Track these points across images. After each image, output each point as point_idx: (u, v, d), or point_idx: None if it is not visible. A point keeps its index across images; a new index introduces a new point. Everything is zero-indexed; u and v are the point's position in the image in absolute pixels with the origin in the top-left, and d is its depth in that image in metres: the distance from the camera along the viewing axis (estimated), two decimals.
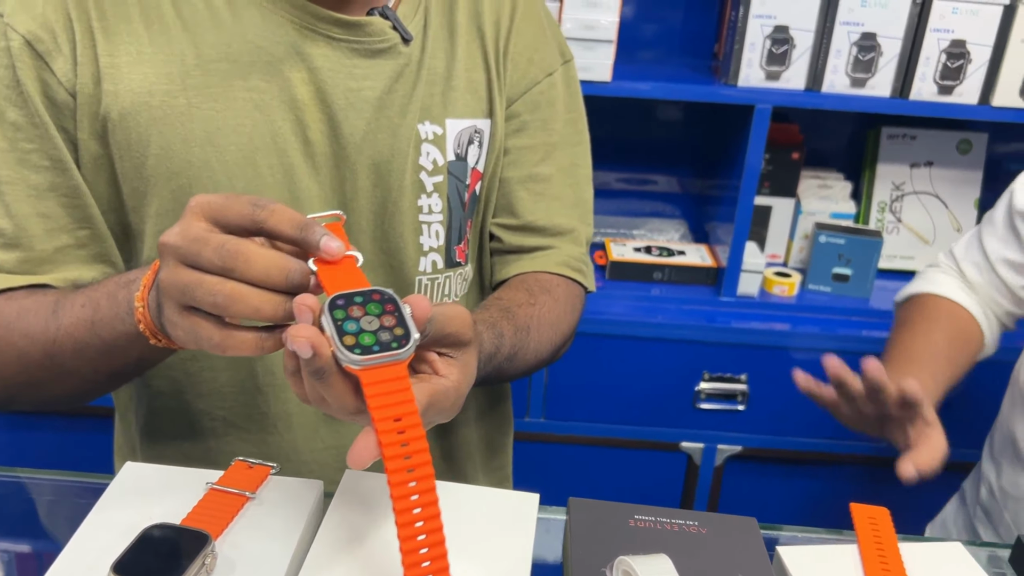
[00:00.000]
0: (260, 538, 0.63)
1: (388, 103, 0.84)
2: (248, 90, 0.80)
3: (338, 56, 0.82)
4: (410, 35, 0.85)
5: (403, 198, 0.86)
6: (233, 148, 0.80)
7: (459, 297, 0.95)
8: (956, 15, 1.55)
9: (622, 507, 0.70)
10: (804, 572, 0.66)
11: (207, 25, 0.79)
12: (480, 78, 0.91)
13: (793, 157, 1.83)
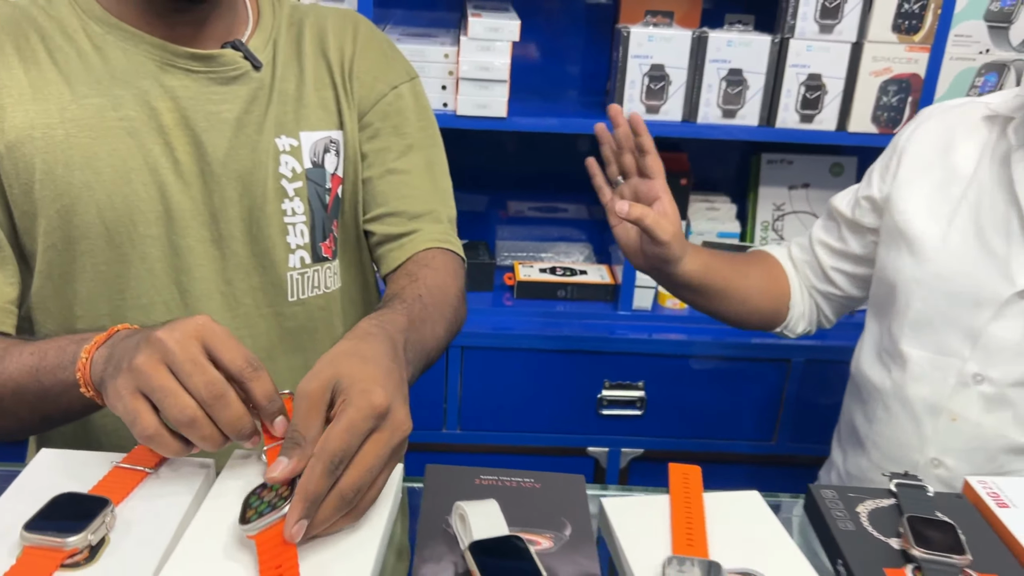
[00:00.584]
0: (155, 504, 0.72)
1: (246, 122, 0.96)
2: (119, 120, 0.91)
3: (197, 85, 0.94)
4: (260, 63, 0.98)
5: (268, 204, 0.98)
6: (109, 170, 0.91)
7: (332, 289, 1.06)
8: (811, 52, 1.71)
9: (472, 470, 0.81)
10: (621, 517, 0.77)
11: (79, 68, 0.91)
12: (329, 95, 1.03)
13: (682, 183, 1.97)
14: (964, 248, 1.12)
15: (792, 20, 1.69)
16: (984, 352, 1.10)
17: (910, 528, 0.75)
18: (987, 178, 1.12)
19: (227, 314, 1.00)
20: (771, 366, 1.85)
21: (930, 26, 1.69)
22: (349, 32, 1.06)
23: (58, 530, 0.66)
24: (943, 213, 1.15)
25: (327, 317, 1.06)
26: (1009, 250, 1.08)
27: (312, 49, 1.03)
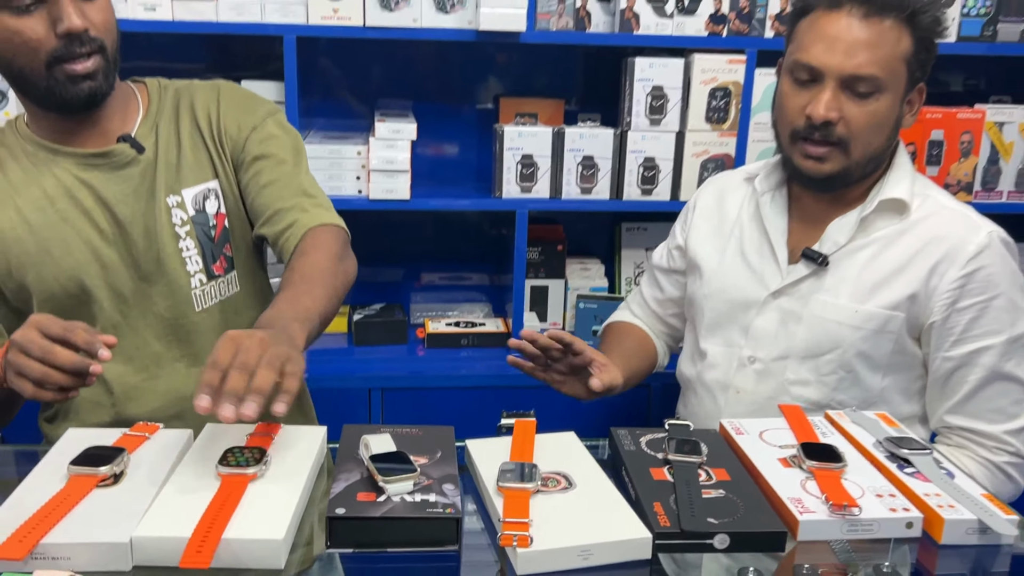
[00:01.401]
0: (153, 454, 1.02)
1: (141, 192, 1.32)
2: (56, 212, 1.28)
3: (102, 174, 1.31)
4: (143, 148, 1.33)
5: (167, 245, 1.33)
6: (58, 248, 1.28)
7: (230, 295, 1.39)
8: (645, 140, 2.11)
9: (376, 426, 1.12)
10: (478, 449, 1.09)
11: (23, 179, 1.29)
12: (203, 155, 1.37)
13: (559, 249, 2.34)
14: (734, 268, 1.51)
15: (629, 116, 2.10)
16: (753, 340, 1.48)
17: (668, 444, 1.09)
18: (746, 218, 1.53)
19: (159, 327, 1.35)
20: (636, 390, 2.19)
21: (734, 117, 2.11)
22: (213, 98, 1.40)
23: (94, 464, 0.96)
24: (719, 246, 1.54)
25: (231, 315, 1.40)
26: (763, 266, 1.48)
27: (187, 121, 1.37)
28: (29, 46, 1.19)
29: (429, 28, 1.98)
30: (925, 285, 1.38)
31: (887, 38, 1.33)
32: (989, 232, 1.38)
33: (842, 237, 1.42)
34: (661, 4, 2.03)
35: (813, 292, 1.43)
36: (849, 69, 1.32)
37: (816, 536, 0.96)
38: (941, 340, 1.39)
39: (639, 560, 0.91)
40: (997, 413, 1.41)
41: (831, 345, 1.41)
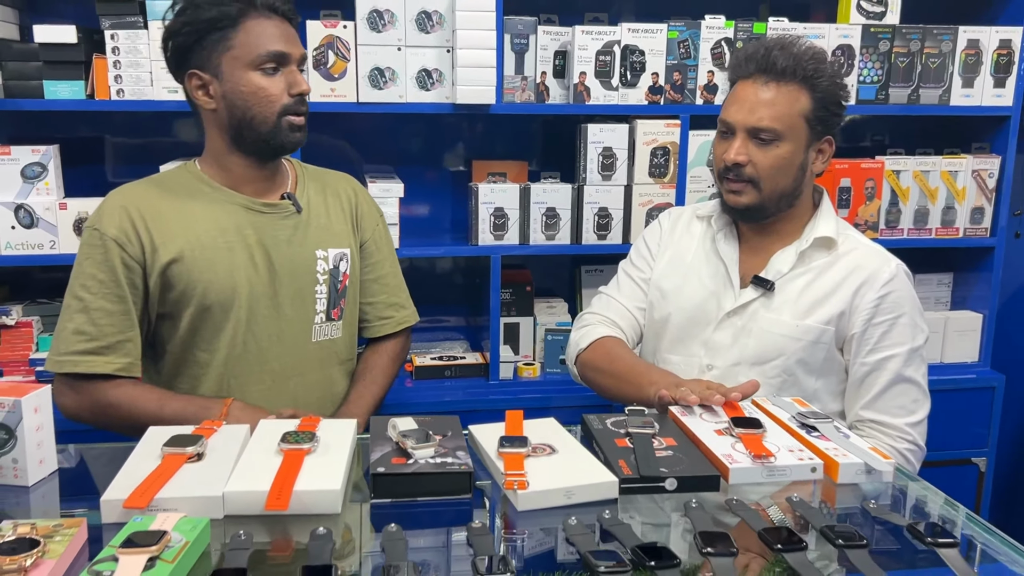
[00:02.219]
0: (224, 442, 1.26)
1: (295, 242, 1.63)
2: (225, 243, 1.57)
3: (266, 220, 1.62)
4: (300, 207, 1.66)
5: (308, 285, 1.64)
6: (222, 271, 1.55)
7: (335, 337, 1.72)
8: (599, 193, 2.42)
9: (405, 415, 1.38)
10: (480, 432, 1.35)
11: (201, 211, 1.58)
12: (344, 228, 1.71)
13: (527, 290, 2.62)
14: (695, 292, 1.79)
15: (584, 173, 2.41)
16: (711, 351, 1.75)
17: (628, 422, 1.36)
18: (704, 251, 1.81)
19: (280, 348, 1.65)
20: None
21: (673, 172, 2.43)
22: (353, 188, 1.80)
23: (181, 445, 1.21)
24: (681, 273, 1.82)
25: (332, 352, 1.72)
26: (720, 290, 1.76)
27: (332, 198, 1.72)
28: (269, 100, 1.56)
29: (413, 103, 2.28)
30: (850, 304, 1.68)
31: (786, 98, 1.64)
32: (897, 264, 1.71)
33: (784, 267, 1.72)
34: (608, 79, 2.36)
35: (761, 311, 1.71)
36: (752, 122, 1.64)
37: (743, 480, 1.23)
38: (859, 348, 1.69)
39: (610, 500, 1.17)
40: (900, 409, 1.70)
41: (776, 354, 1.69)
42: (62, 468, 1.27)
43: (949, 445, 2.68)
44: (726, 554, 1.00)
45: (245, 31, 1.54)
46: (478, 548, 1.00)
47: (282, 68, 1.57)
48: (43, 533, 0.98)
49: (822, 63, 1.67)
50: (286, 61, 1.57)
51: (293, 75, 1.58)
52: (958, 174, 2.58)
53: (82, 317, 1.54)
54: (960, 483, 2.74)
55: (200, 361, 1.62)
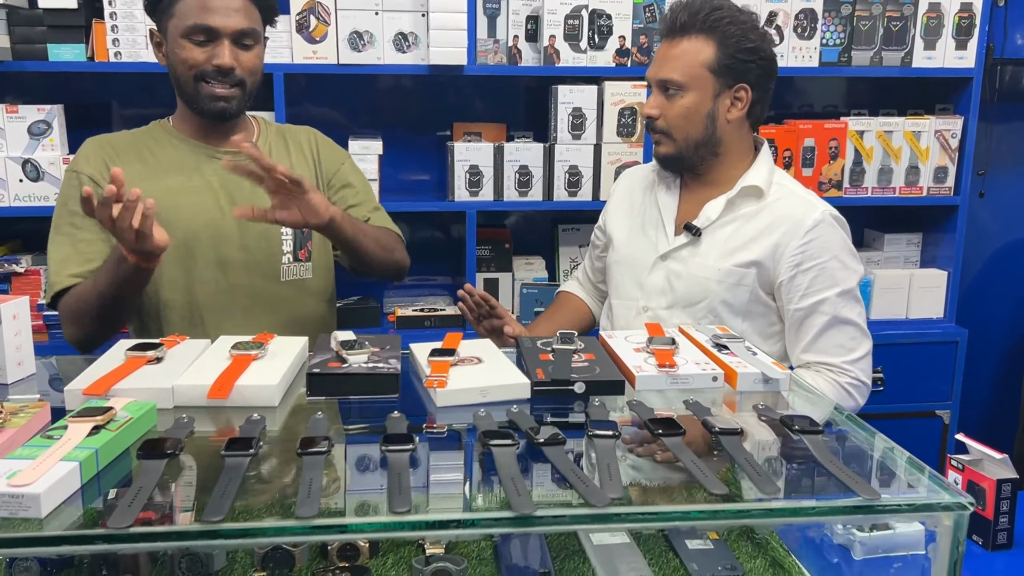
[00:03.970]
0: (183, 351, 1.39)
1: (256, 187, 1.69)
2: (191, 184, 1.70)
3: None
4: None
5: (272, 228, 1.73)
6: (188, 210, 1.68)
7: (305, 278, 1.82)
8: (569, 152, 2.52)
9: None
10: (419, 350, 1.46)
11: (168, 163, 1.70)
12: (308, 171, 1.81)
13: (506, 247, 2.74)
14: (635, 239, 1.89)
15: (555, 133, 2.52)
16: (646, 293, 1.85)
17: (555, 340, 1.47)
18: (648, 202, 1.91)
19: (249, 286, 1.76)
20: None
21: (640, 131, 2.53)
22: (314, 138, 1.89)
23: (143, 350, 1.34)
24: (627, 224, 1.92)
25: (303, 290, 1.82)
26: (657, 236, 1.85)
27: (294, 148, 1.82)
28: (187, 67, 1.66)
29: (390, 64, 2.40)
30: (773, 251, 1.74)
31: (689, 51, 1.70)
32: (823, 211, 1.76)
33: (713, 214, 1.79)
34: (576, 42, 2.46)
35: (691, 256, 1.80)
36: (660, 76, 1.73)
37: (648, 387, 1.34)
38: (791, 295, 1.76)
39: (523, 400, 1.28)
40: (839, 348, 1.77)
41: (702, 296, 1.78)
42: (40, 374, 1.41)
43: (914, 398, 2.77)
44: (676, 434, 1.11)
45: (190, 1, 1.64)
46: (390, 426, 1.12)
47: (213, 40, 1.65)
48: (9, 411, 1.11)
49: (724, 12, 1.70)
50: (215, 35, 1.65)
51: (217, 48, 1.65)
52: (921, 135, 2.65)
53: (69, 248, 1.67)
54: (925, 435, 2.83)
55: (169, 301, 1.73)
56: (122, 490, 0.97)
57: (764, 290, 1.78)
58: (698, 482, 1.01)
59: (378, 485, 1.02)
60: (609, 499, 0.95)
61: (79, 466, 0.97)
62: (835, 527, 1.44)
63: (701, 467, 1.03)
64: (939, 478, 1.04)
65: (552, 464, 1.05)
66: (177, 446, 1.05)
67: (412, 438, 1.08)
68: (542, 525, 0.97)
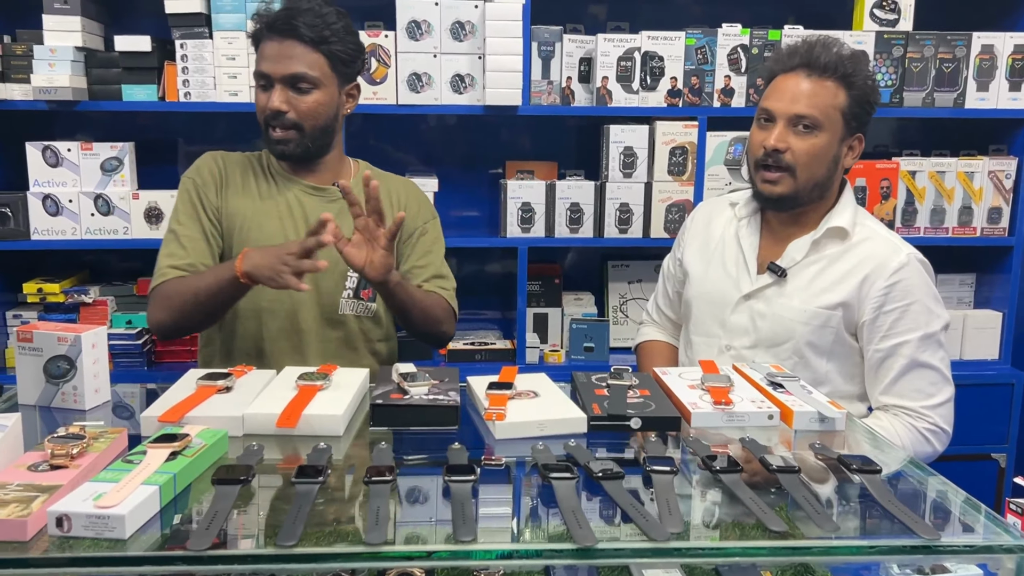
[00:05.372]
0: (251, 380, 1.44)
1: (339, 222, 1.74)
2: (276, 213, 1.79)
3: (315, 202, 1.83)
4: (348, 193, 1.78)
5: (341, 263, 1.74)
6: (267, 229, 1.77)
7: (366, 316, 1.88)
8: (620, 190, 2.55)
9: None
10: (476, 382, 1.50)
11: (265, 190, 1.80)
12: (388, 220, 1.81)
13: (556, 282, 2.77)
14: (715, 274, 1.88)
15: (607, 171, 2.56)
16: (729, 332, 1.84)
17: (610, 376, 1.49)
18: (728, 238, 1.90)
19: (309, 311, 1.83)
20: None
21: (691, 170, 2.55)
22: (404, 190, 1.96)
23: (213, 379, 1.39)
24: (705, 258, 1.91)
25: (359, 327, 1.89)
26: (738, 275, 1.85)
27: (384, 197, 1.81)
28: (258, 111, 1.79)
29: (447, 105, 2.47)
30: (858, 292, 1.74)
31: (826, 92, 1.71)
32: (908, 253, 1.76)
33: (798, 255, 1.79)
34: (629, 83, 2.50)
35: (775, 297, 1.79)
36: (794, 110, 1.71)
37: (704, 424, 1.35)
38: (872, 335, 1.75)
39: (579, 434, 1.31)
40: (917, 392, 1.75)
41: (787, 336, 1.77)
42: (115, 401, 1.47)
43: (969, 440, 2.72)
44: (734, 471, 1.13)
45: (260, 49, 1.78)
46: (452, 457, 1.15)
47: (272, 86, 1.74)
48: (91, 436, 1.16)
49: (859, 63, 1.75)
50: (271, 80, 1.74)
51: (270, 93, 1.75)
52: (974, 175, 2.64)
53: (174, 244, 1.79)
54: (980, 478, 2.78)
55: (240, 310, 1.81)
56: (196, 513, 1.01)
57: (848, 331, 1.77)
58: (756, 519, 1.02)
59: (442, 514, 1.05)
60: (669, 533, 0.97)
61: (159, 490, 1.01)
62: (891, 568, 1.42)
63: (760, 504, 1.04)
64: (999, 520, 1.04)
65: (611, 498, 1.07)
66: (249, 472, 1.09)
67: (474, 469, 1.11)
68: (603, 557, 0.99)
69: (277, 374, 1.49)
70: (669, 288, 2.04)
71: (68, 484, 1.02)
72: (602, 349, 2.68)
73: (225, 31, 2.39)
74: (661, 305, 2.07)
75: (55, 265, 2.67)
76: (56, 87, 2.34)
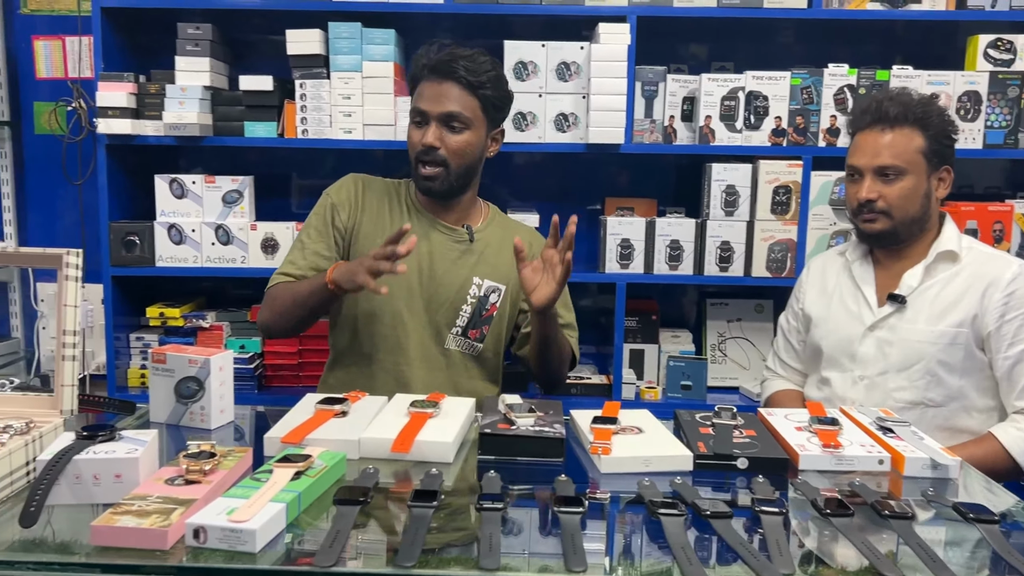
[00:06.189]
0: (365, 406, 1.50)
1: (460, 263, 1.87)
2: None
3: (441, 239, 1.90)
4: (473, 237, 1.91)
5: (458, 300, 1.86)
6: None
7: (471, 353, 1.93)
8: (721, 228, 2.55)
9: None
10: (580, 416, 1.52)
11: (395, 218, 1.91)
12: (510, 269, 1.88)
13: (653, 319, 2.77)
14: (838, 315, 1.99)
15: (708, 209, 2.56)
16: (859, 363, 1.92)
17: (714, 415, 1.49)
18: (844, 280, 2.01)
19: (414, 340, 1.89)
20: None
21: (795, 209, 2.53)
22: (531, 238, 2.01)
23: (331, 404, 1.45)
24: (825, 303, 2.02)
25: (462, 363, 1.94)
26: (859, 310, 1.95)
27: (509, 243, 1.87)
28: (410, 146, 1.88)
29: (550, 143, 2.52)
30: (980, 306, 1.84)
31: (903, 139, 1.88)
32: (1020, 264, 1.88)
33: (914, 282, 1.91)
34: (732, 122, 2.51)
35: (899, 323, 1.89)
36: (877, 163, 1.88)
37: (812, 466, 1.34)
38: (999, 345, 1.83)
39: (684, 471, 1.31)
40: None
41: (917, 358, 1.87)
42: (237, 422, 1.55)
43: None
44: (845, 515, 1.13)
45: (418, 89, 1.88)
46: (559, 489, 1.18)
47: (427, 123, 1.84)
48: (221, 454, 1.24)
49: (929, 105, 1.89)
50: (426, 117, 1.84)
51: (425, 130, 1.84)
52: None
53: (298, 252, 1.91)
54: None
55: (357, 328, 1.91)
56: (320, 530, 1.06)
57: (977, 345, 1.86)
58: (869, 563, 1.01)
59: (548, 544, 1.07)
60: (781, 574, 0.97)
61: (285, 507, 1.07)
62: None
63: (873, 549, 1.03)
64: None
65: (720, 536, 1.08)
66: (368, 494, 1.14)
67: (582, 501, 1.13)
68: None
69: (388, 400, 1.55)
70: (792, 340, 2.14)
71: (202, 498, 1.09)
72: (700, 388, 2.66)
73: (342, 72, 2.50)
74: (785, 359, 2.16)
75: (174, 291, 2.82)
76: (185, 123, 2.49)
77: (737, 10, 2.47)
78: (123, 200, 2.65)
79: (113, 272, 2.58)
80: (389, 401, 1.54)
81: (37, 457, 1.17)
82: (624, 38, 2.42)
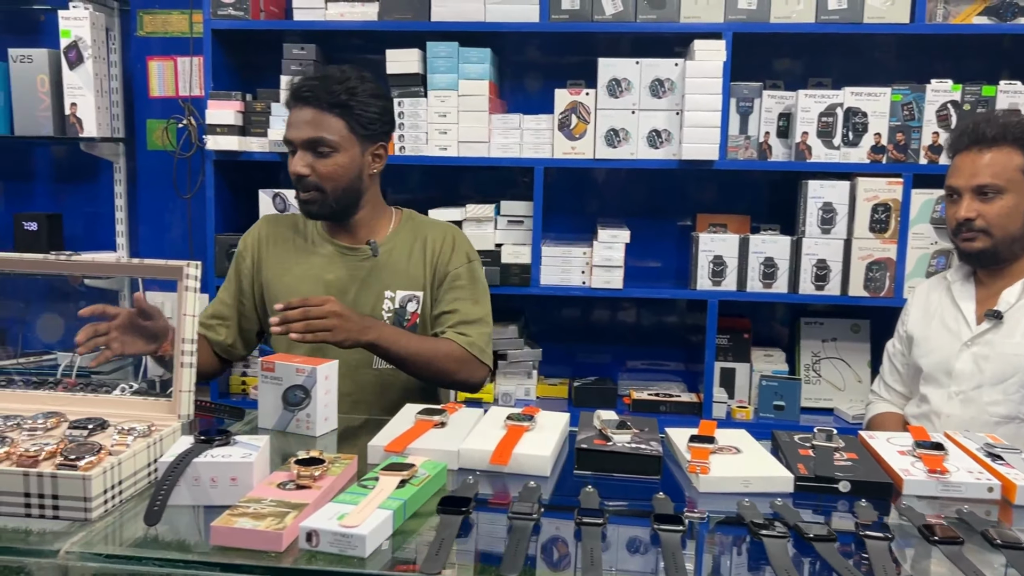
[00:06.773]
0: (462, 417, 1.53)
1: (369, 282, 1.87)
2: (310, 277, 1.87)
3: (346, 262, 1.89)
4: (376, 253, 1.89)
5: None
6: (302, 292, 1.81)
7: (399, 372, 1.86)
8: (817, 246, 2.51)
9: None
10: (676, 434, 1.52)
11: (302, 248, 1.92)
12: (421, 272, 1.89)
13: (745, 337, 2.74)
14: (937, 334, 1.97)
15: (803, 226, 2.52)
16: (955, 379, 1.90)
17: (814, 437, 1.47)
18: (945, 301, 1.99)
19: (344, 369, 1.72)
20: None
21: (894, 228, 2.47)
22: (444, 237, 1.95)
23: (431, 415, 1.49)
24: (926, 323, 2.01)
25: (394, 381, 1.90)
26: (958, 327, 1.93)
27: (419, 245, 1.92)
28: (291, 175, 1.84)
29: (643, 159, 2.52)
30: None
31: (1001, 159, 1.87)
32: None
33: (1012, 299, 1.90)
34: (830, 139, 2.47)
35: (995, 339, 1.88)
36: (975, 183, 1.88)
37: (917, 492, 1.30)
38: None
39: (785, 493, 1.30)
40: None
41: (1013, 371, 1.85)
42: (340, 429, 1.60)
43: None
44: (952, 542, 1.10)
45: (287, 118, 1.85)
46: (658, 507, 1.18)
47: (296, 151, 1.82)
48: (330, 461, 1.28)
49: None
50: (293, 146, 1.82)
51: (294, 158, 1.82)
52: None
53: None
54: None
55: None
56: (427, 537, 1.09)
57: None
58: None
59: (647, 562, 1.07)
60: None
61: (392, 514, 1.10)
62: None
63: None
64: None
65: (824, 560, 1.06)
66: (470, 504, 1.17)
67: (682, 519, 1.13)
68: None
69: (484, 413, 1.58)
70: (897, 364, 2.13)
71: (313, 503, 1.13)
72: (793, 408, 2.62)
73: (439, 90, 2.56)
74: (891, 383, 2.15)
75: None
76: None
77: (836, 26, 2.43)
78: (228, 213, 2.77)
79: (218, 283, 2.69)
80: (485, 414, 1.57)
81: (158, 459, 1.24)
82: (720, 55, 2.41)
